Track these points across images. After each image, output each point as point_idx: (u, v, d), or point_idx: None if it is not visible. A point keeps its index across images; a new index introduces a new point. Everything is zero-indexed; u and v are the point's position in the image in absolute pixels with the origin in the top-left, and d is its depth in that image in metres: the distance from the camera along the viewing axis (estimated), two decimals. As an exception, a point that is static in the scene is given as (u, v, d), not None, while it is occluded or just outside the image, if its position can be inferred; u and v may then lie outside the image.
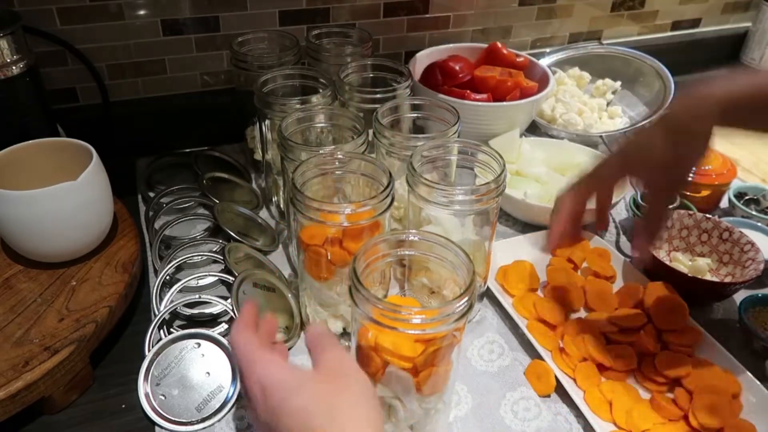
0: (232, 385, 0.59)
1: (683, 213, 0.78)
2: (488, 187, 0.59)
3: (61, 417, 0.58)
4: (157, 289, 0.69)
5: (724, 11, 1.35)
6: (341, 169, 0.62)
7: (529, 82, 0.96)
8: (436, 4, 1.06)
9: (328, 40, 0.92)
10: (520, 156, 0.91)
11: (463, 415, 0.59)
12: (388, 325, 0.45)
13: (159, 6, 0.90)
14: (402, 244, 0.52)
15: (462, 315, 0.46)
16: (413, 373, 0.48)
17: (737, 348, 0.66)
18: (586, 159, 0.90)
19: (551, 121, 1.06)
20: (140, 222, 0.81)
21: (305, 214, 0.55)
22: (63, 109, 0.92)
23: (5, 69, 0.71)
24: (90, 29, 0.88)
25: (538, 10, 1.15)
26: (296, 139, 0.68)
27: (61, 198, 0.61)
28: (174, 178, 0.89)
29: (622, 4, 1.23)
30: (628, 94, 1.15)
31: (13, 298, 0.62)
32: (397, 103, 0.73)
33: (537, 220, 0.82)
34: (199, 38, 0.95)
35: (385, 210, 0.56)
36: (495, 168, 0.62)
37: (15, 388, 0.53)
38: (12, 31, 0.70)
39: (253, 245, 0.76)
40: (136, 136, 0.95)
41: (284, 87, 0.78)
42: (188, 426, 0.57)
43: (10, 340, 0.57)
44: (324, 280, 0.60)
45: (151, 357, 0.60)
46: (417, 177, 0.60)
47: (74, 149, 0.66)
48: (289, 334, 0.65)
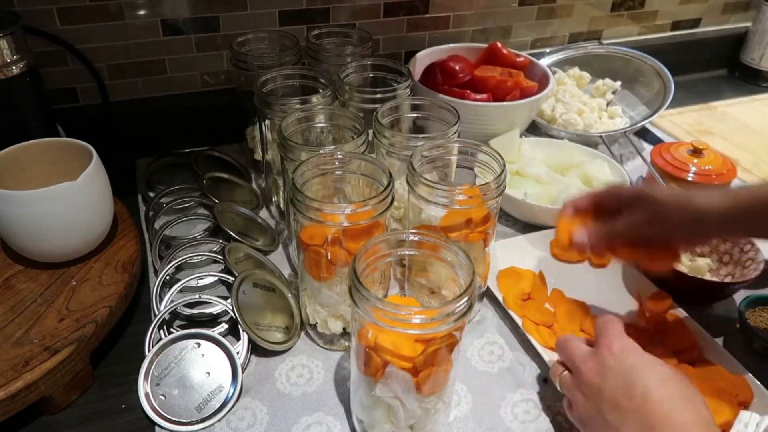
0: (232, 385, 0.59)
1: (683, 213, 0.78)
2: (488, 187, 0.59)
3: (61, 417, 0.58)
4: (157, 289, 0.69)
5: (724, 11, 1.35)
6: (341, 169, 0.62)
7: (529, 82, 0.96)
8: (436, 4, 1.06)
9: (328, 40, 0.92)
10: (520, 156, 0.91)
11: (463, 415, 0.59)
12: (387, 325, 0.45)
13: (159, 6, 0.90)
14: (402, 244, 0.52)
15: (462, 315, 0.46)
16: (413, 373, 0.48)
17: (737, 348, 0.66)
18: (586, 159, 0.90)
19: (551, 121, 1.06)
20: (140, 222, 0.81)
21: (305, 214, 0.55)
22: (63, 109, 0.92)
23: (5, 69, 0.71)
24: (90, 29, 0.88)
25: (538, 10, 1.15)
26: (296, 139, 0.68)
27: (61, 198, 0.61)
28: (174, 178, 0.89)
29: (622, 4, 1.23)
30: (628, 94, 1.15)
31: (13, 298, 0.62)
32: (397, 103, 0.73)
33: (537, 220, 0.82)
34: (199, 38, 0.95)
35: (385, 210, 0.56)
36: (495, 168, 0.62)
37: (15, 388, 0.53)
38: (12, 31, 0.70)
39: (253, 245, 0.76)
40: (136, 136, 0.95)
41: (284, 87, 0.78)
42: (188, 426, 0.57)
43: (10, 340, 0.57)
44: (324, 280, 0.60)
45: (151, 357, 0.60)
46: (417, 177, 0.60)
47: (74, 149, 0.66)
48: (289, 334, 0.65)
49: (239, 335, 0.63)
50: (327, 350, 0.65)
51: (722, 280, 0.74)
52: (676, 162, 0.87)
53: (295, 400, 0.60)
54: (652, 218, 0.57)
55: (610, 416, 0.48)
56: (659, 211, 0.56)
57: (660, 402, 0.46)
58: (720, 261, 0.76)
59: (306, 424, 0.58)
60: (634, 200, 0.58)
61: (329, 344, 0.65)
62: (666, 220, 0.56)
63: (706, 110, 1.19)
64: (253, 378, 0.62)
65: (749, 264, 0.72)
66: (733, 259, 0.75)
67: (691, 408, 0.47)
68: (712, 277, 0.75)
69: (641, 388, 0.47)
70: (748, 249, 0.73)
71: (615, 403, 0.48)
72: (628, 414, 0.47)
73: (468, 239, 0.63)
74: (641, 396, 0.47)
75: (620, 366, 0.50)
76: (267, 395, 0.60)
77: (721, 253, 0.76)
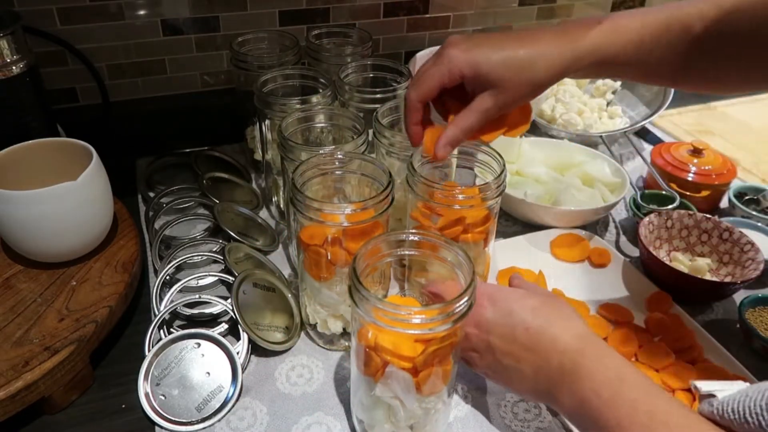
0: (232, 385, 0.59)
1: (683, 213, 0.78)
2: (488, 187, 0.59)
3: (61, 417, 0.58)
4: (157, 289, 0.69)
5: (724, 11, 1.35)
6: (341, 169, 0.62)
7: (529, 82, 0.96)
8: (436, 4, 1.06)
9: (328, 40, 0.92)
10: (520, 156, 0.91)
11: (463, 416, 0.59)
12: (387, 325, 0.45)
13: (159, 6, 0.90)
14: (402, 244, 0.52)
15: (462, 315, 0.46)
16: (413, 373, 0.48)
17: (737, 348, 0.66)
18: (586, 159, 0.90)
19: (551, 121, 1.06)
20: (140, 222, 0.81)
21: (305, 214, 0.55)
22: (63, 109, 0.92)
23: (5, 69, 0.71)
24: (90, 29, 0.88)
25: (538, 10, 1.15)
26: (296, 139, 0.68)
27: (61, 198, 0.61)
28: (174, 178, 0.89)
29: (622, 4, 1.23)
30: (628, 94, 1.15)
31: (13, 298, 0.62)
32: (397, 103, 0.73)
33: (537, 220, 0.82)
34: (199, 38, 0.95)
35: (385, 210, 0.56)
36: (495, 168, 0.62)
37: (15, 388, 0.53)
38: (12, 31, 0.70)
39: (253, 245, 0.76)
40: (136, 136, 0.95)
41: (284, 87, 0.78)
42: (188, 426, 0.57)
43: (10, 340, 0.57)
44: (324, 280, 0.60)
45: (151, 357, 0.60)
46: (417, 177, 0.60)
47: (74, 149, 0.66)
48: (289, 334, 0.65)
49: (239, 335, 0.63)
50: (327, 350, 0.65)
51: (722, 280, 0.74)
52: (676, 162, 0.87)
53: (295, 400, 0.60)
54: (497, 98, 0.55)
55: (507, 361, 0.52)
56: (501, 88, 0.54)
57: (540, 331, 0.50)
58: (720, 261, 0.76)
59: (306, 424, 0.58)
60: (474, 78, 0.55)
61: (329, 344, 0.65)
62: (511, 97, 0.55)
63: (706, 110, 1.19)
64: (253, 378, 0.62)
65: (749, 264, 0.72)
66: (733, 259, 0.75)
67: (570, 327, 0.50)
68: (712, 277, 0.75)
69: (521, 326, 0.51)
70: (748, 249, 0.73)
71: (506, 349, 0.52)
72: (520, 353, 0.51)
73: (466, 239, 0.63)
74: (524, 332, 0.51)
75: (498, 314, 0.52)
76: (267, 395, 0.60)
77: (721, 253, 0.76)
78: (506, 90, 0.54)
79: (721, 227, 0.76)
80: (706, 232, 0.77)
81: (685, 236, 0.78)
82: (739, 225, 0.78)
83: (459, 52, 0.54)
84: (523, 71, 0.54)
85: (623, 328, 0.67)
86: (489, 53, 0.54)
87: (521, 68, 0.54)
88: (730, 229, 0.75)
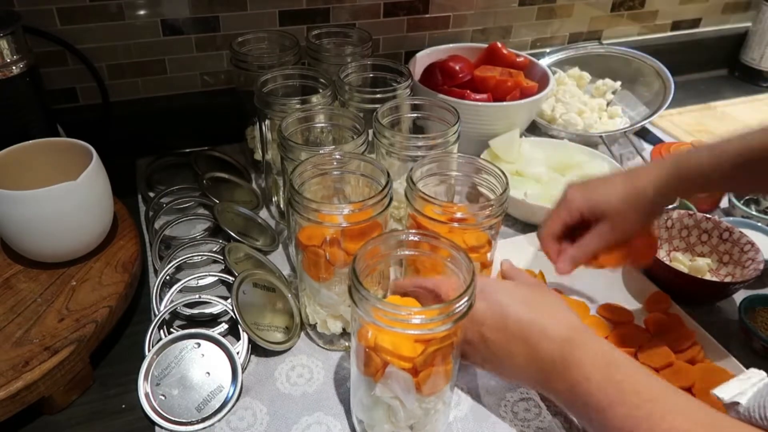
0: (232, 385, 0.59)
1: (683, 213, 0.78)
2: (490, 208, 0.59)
3: (61, 417, 0.58)
4: (157, 289, 0.69)
5: (724, 11, 1.35)
6: (340, 170, 0.62)
7: (529, 82, 0.96)
8: (436, 4, 1.06)
9: (328, 40, 0.92)
10: (520, 156, 0.91)
11: (463, 416, 0.59)
12: (387, 325, 0.45)
13: (159, 6, 0.90)
14: (402, 244, 0.52)
15: (462, 315, 0.46)
16: (413, 373, 0.48)
17: (737, 348, 0.66)
18: (586, 159, 0.90)
19: (551, 121, 1.06)
20: (140, 222, 0.81)
21: (303, 214, 0.55)
22: (63, 109, 0.92)
23: (5, 69, 0.71)
24: (90, 29, 0.88)
25: (538, 10, 1.15)
26: (296, 139, 0.68)
27: (61, 198, 0.61)
28: (174, 178, 0.89)
29: (622, 4, 1.23)
30: (628, 94, 1.15)
31: (13, 298, 0.62)
32: (397, 103, 0.73)
33: (537, 220, 0.81)
34: (199, 38, 0.95)
35: (383, 210, 0.56)
36: (497, 187, 0.62)
37: (15, 388, 0.53)
38: (12, 31, 0.70)
39: (253, 245, 0.76)
40: (136, 136, 0.95)
41: (284, 87, 0.78)
42: (188, 426, 0.57)
43: (10, 340, 0.57)
44: (323, 281, 0.60)
45: (151, 357, 0.60)
46: (416, 191, 0.59)
47: (74, 149, 0.66)
48: (289, 334, 0.65)
49: (239, 335, 0.63)
50: (327, 350, 0.65)
51: (722, 280, 0.74)
52: (676, 162, 0.87)
53: (295, 400, 0.60)
54: (612, 226, 0.62)
55: (499, 352, 0.53)
56: (615, 218, 0.62)
57: (531, 322, 0.52)
58: (720, 261, 0.76)
59: (306, 424, 0.58)
60: (592, 213, 0.63)
61: (329, 344, 0.65)
62: (625, 222, 0.62)
63: (706, 110, 1.19)
64: (253, 378, 0.62)
65: (749, 264, 0.72)
66: (733, 259, 0.75)
67: (558, 316, 0.53)
68: (712, 277, 0.75)
69: (513, 317, 0.53)
70: (748, 249, 0.73)
71: (498, 340, 0.53)
72: (512, 343, 0.52)
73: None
74: (515, 323, 0.52)
75: (489, 305, 0.54)
76: (267, 395, 0.60)
77: (721, 253, 0.76)
78: (617, 217, 0.62)
79: (721, 227, 0.76)
80: (706, 232, 0.77)
81: (685, 236, 0.78)
82: (739, 225, 0.78)
83: (577, 194, 0.64)
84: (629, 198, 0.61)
85: (623, 328, 0.67)
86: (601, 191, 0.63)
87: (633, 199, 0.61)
88: (730, 229, 0.75)
